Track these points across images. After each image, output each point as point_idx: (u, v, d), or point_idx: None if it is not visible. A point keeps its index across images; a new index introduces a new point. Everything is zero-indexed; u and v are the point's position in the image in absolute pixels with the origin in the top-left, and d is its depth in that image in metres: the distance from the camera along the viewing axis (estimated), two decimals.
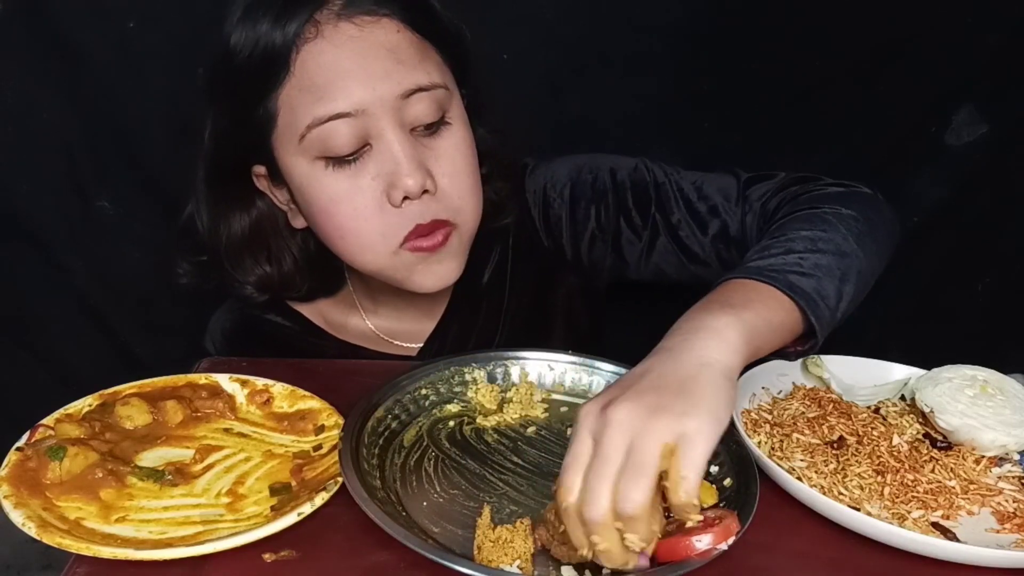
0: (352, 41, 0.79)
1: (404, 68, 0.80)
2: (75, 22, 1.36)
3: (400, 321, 1.03)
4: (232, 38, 0.81)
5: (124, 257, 1.53)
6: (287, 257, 0.96)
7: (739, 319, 0.65)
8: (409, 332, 1.03)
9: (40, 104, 1.40)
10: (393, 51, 0.80)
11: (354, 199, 0.81)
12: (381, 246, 0.83)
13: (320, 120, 0.78)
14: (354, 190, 0.81)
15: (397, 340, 1.03)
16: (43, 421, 0.74)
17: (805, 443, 0.76)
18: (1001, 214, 1.69)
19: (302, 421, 0.80)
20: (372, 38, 0.80)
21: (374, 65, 0.79)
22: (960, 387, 0.80)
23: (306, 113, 0.79)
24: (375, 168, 0.81)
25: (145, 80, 1.40)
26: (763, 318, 0.67)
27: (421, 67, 0.81)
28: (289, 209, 0.92)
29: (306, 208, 0.86)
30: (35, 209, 1.47)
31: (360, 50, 0.79)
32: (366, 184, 0.81)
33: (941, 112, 1.62)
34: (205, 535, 0.64)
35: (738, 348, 0.63)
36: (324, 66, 0.78)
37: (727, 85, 1.55)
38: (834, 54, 1.53)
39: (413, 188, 0.79)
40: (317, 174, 0.82)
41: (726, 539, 0.62)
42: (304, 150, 0.81)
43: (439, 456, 0.76)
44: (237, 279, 0.96)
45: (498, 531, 0.63)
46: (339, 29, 0.79)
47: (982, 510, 0.72)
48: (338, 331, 1.03)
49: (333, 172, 0.81)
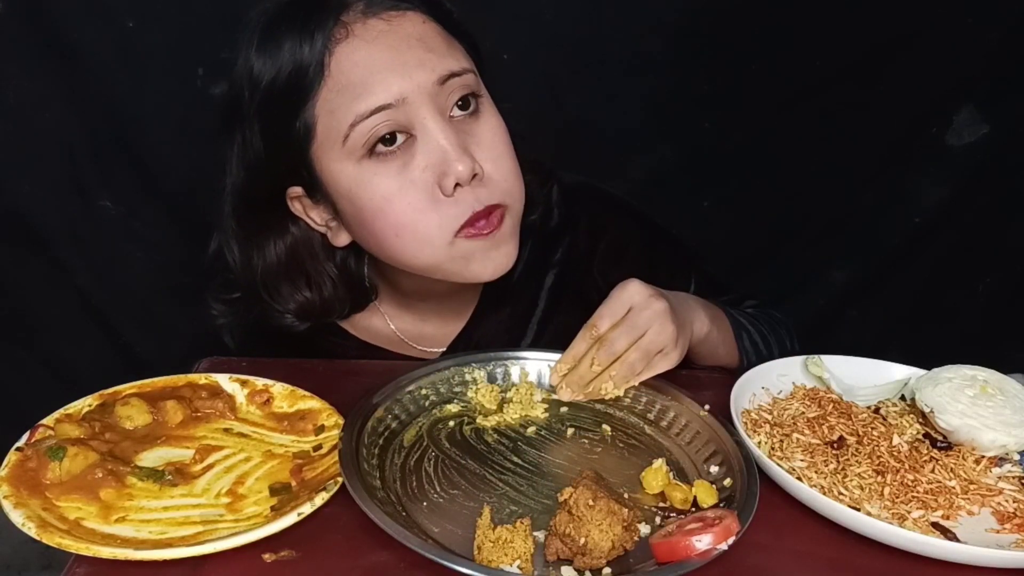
0: (383, 35, 0.80)
1: (435, 56, 0.81)
2: (75, 22, 1.36)
3: (424, 326, 1.02)
4: (255, 67, 0.81)
5: (125, 257, 1.53)
6: (327, 281, 0.94)
7: (709, 331, 0.91)
8: (433, 336, 1.02)
9: (40, 104, 1.40)
10: (423, 40, 0.81)
11: (408, 193, 0.81)
12: (438, 238, 0.82)
13: (362, 116, 0.79)
14: (406, 185, 0.81)
15: (420, 344, 1.02)
16: (43, 421, 0.74)
17: (805, 443, 0.76)
18: (1001, 214, 1.69)
19: (302, 421, 0.80)
20: (401, 30, 0.81)
21: (407, 55, 0.80)
22: (960, 387, 0.80)
23: (347, 112, 0.79)
24: (423, 160, 0.81)
25: (145, 80, 1.40)
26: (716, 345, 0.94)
27: (451, 54, 0.82)
28: (328, 228, 0.90)
29: (356, 214, 0.84)
30: (36, 209, 1.47)
31: (392, 43, 0.80)
32: (417, 177, 0.81)
33: (941, 112, 1.62)
34: (205, 535, 0.64)
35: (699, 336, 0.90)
36: (359, 63, 0.79)
37: (727, 85, 1.55)
38: (834, 54, 1.53)
39: (464, 173, 0.79)
40: (366, 175, 0.81)
41: (726, 539, 0.62)
42: (349, 152, 0.80)
43: (439, 456, 0.76)
44: (277, 309, 0.94)
45: (498, 531, 0.63)
46: (368, 26, 0.80)
47: (982, 510, 0.72)
48: (361, 332, 1.02)
49: (383, 170, 0.81)
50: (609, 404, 0.85)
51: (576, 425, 0.82)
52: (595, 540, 0.62)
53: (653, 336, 0.81)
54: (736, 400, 0.79)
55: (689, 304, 0.90)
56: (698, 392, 0.83)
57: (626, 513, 0.64)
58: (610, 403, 0.85)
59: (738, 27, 1.50)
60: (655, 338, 0.82)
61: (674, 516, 0.69)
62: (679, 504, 0.70)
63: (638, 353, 0.82)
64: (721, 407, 0.79)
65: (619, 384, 0.83)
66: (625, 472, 0.75)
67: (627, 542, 0.63)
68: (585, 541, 0.62)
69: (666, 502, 0.71)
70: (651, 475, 0.72)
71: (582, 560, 0.62)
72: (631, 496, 0.71)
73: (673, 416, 0.82)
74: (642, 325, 0.81)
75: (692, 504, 0.70)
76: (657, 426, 0.82)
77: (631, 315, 0.81)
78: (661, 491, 0.72)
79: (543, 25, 1.47)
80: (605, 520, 0.62)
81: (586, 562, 0.62)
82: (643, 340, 0.81)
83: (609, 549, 0.62)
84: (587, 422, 0.83)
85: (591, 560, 0.62)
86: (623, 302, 0.82)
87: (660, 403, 0.83)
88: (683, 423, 0.81)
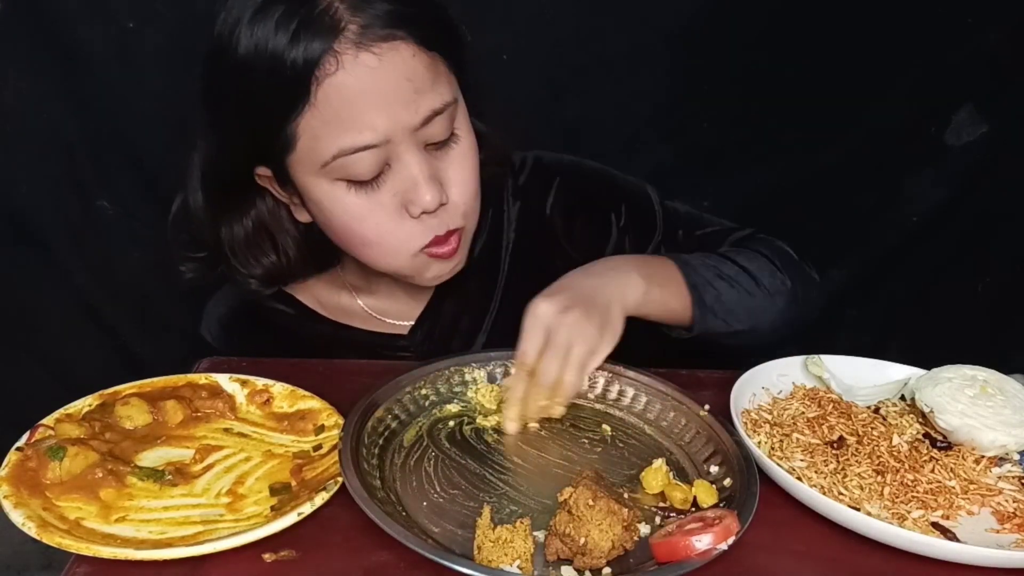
0: (372, 72, 0.79)
1: (420, 96, 0.82)
2: (75, 22, 1.36)
3: (392, 299, 1.05)
4: (241, 45, 0.79)
5: (124, 256, 1.53)
6: (291, 247, 0.97)
7: (648, 288, 0.87)
8: (401, 310, 1.05)
9: (40, 104, 1.40)
10: (411, 79, 0.81)
11: (376, 215, 0.85)
12: (402, 253, 0.87)
13: (347, 151, 0.81)
14: (375, 207, 0.84)
15: (389, 318, 1.05)
16: (43, 421, 0.74)
17: (805, 443, 0.76)
18: (1001, 214, 1.69)
19: (302, 421, 0.80)
20: (391, 67, 0.80)
21: (394, 96, 0.80)
22: (960, 387, 0.80)
23: (331, 144, 0.80)
24: (393, 186, 0.84)
25: (145, 80, 1.40)
26: (664, 299, 0.89)
27: (434, 90, 0.83)
28: (292, 204, 0.92)
29: (325, 222, 0.88)
30: (35, 209, 1.47)
31: (380, 80, 0.80)
32: (386, 200, 0.84)
33: (941, 112, 1.62)
34: (205, 535, 0.64)
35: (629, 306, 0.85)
36: (348, 100, 0.79)
37: (727, 85, 1.55)
38: (834, 54, 1.53)
39: (431, 204, 0.83)
40: (338, 194, 0.84)
41: (726, 539, 0.62)
42: (326, 174, 0.83)
43: (439, 456, 0.76)
44: (242, 272, 0.96)
45: (498, 531, 0.63)
46: (359, 60, 0.79)
47: (982, 510, 0.72)
48: (331, 312, 1.05)
49: (354, 193, 0.84)
50: (609, 404, 0.85)
51: (576, 425, 0.82)
52: (595, 540, 0.62)
53: (579, 349, 0.78)
54: (736, 400, 0.79)
55: (617, 274, 0.87)
56: (698, 392, 0.83)
57: (626, 513, 0.64)
58: (610, 403, 0.85)
59: (738, 27, 1.50)
60: (581, 349, 0.78)
61: (674, 516, 0.69)
62: (679, 504, 0.70)
63: (573, 371, 0.78)
64: (721, 407, 0.79)
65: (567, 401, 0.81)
66: (625, 472, 0.75)
67: (627, 542, 0.64)
68: (585, 541, 0.62)
69: (666, 502, 0.71)
70: (651, 475, 0.72)
71: (582, 560, 0.62)
72: (631, 496, 0.71)
73: (673, 416, 0.82)
74: (563, 343, 0.78)
75: (692, 504, 0.70)
76: (657, 426, 0.82)
77: (551, 339, 0.78)
78: (661, 491, 0.72)
79: (543, 25, 1.47)
80: (605, 520, 0.62)
81: (586, 562, 0.62)
82: (571, 357, 0.78)
83: (609, 549, 0.62)
84: (587, 422, 0.83)
85: (591, 560, 0.62)
86: (539, 328, 0.79)
87: (660, 403, 0.83)
88: (683, 423, 0.81)
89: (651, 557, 0.63)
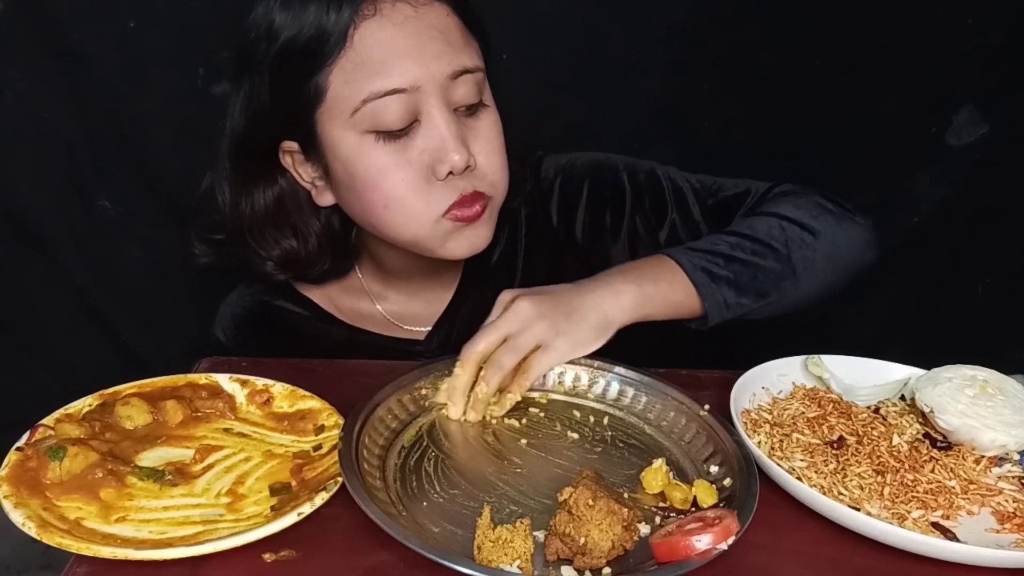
0: (409, 21, 0.83)
1: (453, 50, 0.84)
2: (75, 21, 1.36)
3: (409, 305, 1.04)
4: (277, 20, 0.83)
5: (124, 256, 1.53)
6: (312, 234, 0.97)
7: (640, 289, 0.84)
8: (418, 316, 1.04)
9: (40, 104, 1.40)
10: (444, 33, 0.84)
11: (402, 171, 0.85)
12: (424, 216, 0.86)
13: (376, 95, 0.82)
14: (402, 162, 0.84)
15: (406, 324, 1.04)
16: (43, 421, 0.74)
17: (805, 443, 0.76)
18: (1001, 214, 1.69)
19: (302, 421, 0.80)
20: (426, 19, 0.83)
21: (428, 45, 0.83)
22: (960, 387, 0.80)
23: (361, 88, 0.82)
24: (423, 143, 0.84)
25: (145, 80, 1.40)
26: (663, 294, 0.85)
27: (466, 51, 0.85)
28: (314, 187, 0.93)
29: (349, 181, 0.87)
30: (35, 209, 1.47)
31: (416, 30, 0.83)
32: (414, 157, 0.84)
33: (941, 112, 1.62)
34: (205, 535, 0.64)
35: (627, 310, 0.83)
36: (382, 43, 0.82)
37: (727, 85, 1.55)
38: (834, 54, 1.53)
39: (459, 164, 0.83)
40: (366, 147, 0.84)
41: (726, 539, 0.62)
42: (355, 124, 0.84)
43: (439, 456, 0.76)
44: (260, 254, 0.96)
45: (498, 531, 0.63)
46: (396, 8, 0.83)
47: (982, 510, 0.72)
48: (348, 316, 1.04)
49: (383, 145, 0.84)
50: (609, 404, 0.85)
51: (576, 425, 0.82)
52: (595, 540, 0.62)
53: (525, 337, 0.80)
54: (736, 400, 0.79)
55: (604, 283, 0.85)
56: (698, 392, 0.83)
57: (626, 513, 0.64)
58: (610, 403, 0.85)
59: (738, 27, 1.50)
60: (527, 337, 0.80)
61: (674, 516, 0.69)
62: (679, 504, 0.70)
63: (508, 352, 0.80)
64: (721, 407, 0.79)
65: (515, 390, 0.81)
66: (625, 472, 0.75)
67: (627, 542, 0.63)
68: (585, 541, 0.62)
69: (666, 502, 0.71)
70: (651, 475, 0.72)
71: (582, 560, 0.62)
72: (631, 496, 0.71)
73: (673, 416, 0.82)
74: (504, 328, 0.80)
75: (692, 504, 0.70)
76: (657, 426, 0.82)
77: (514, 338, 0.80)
78: (661, 491, 0.72)
79: (543, 25, 1.47)
80: (605, 520, 0.62)
81: (586, 562, 0.62)
82: (512, 341, 0.80)
83: (609, 549, 0.62)
84: (587, 422, 0.83)
85: (591, 560, 0.62)
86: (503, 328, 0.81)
87: (660, 403, 0.83)
88: (683, 423, 0.81)
89: (651, 557, 0.63)
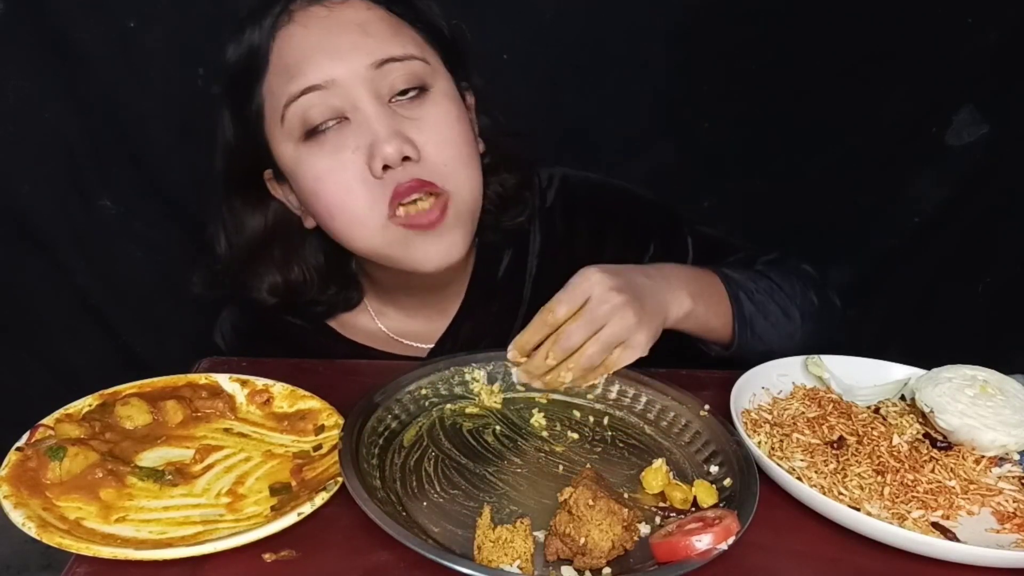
0: (321, 20, 0.83)
1: (374, 41, 0.83)
2: (75, 22, 1.36)
3: (411, 322, 1.03)
4: (227, 52, 0.87)
5: (125, 256, 1.53)
6: (296, 265, 0.97)
7: (694, 307, 0.86)
8: (420, 332, 1.03)
9: (40, 104, 1.40)
10: (363, 26, 0.83)
11: (337, 174, 0.83)
12: (369, 219, 0.84)
13: (293, 96, 0.82)
14: (336, 165, 0.83)
15: (408, 340, 1.03)
16: (43, 421, 0.74)
17: (805, 443, 0.76)
18: (1001, 214, 1.69)
19: (302, 421, 0.80)
20: (341, 17, 0.84)
21: (341, 39, 0.82)
22: (960, 387, 0.80)
23: (282, 93, 0.83)
24: (354, 141, 0.82)
25: (145, 80, 1.40)
26: (706, 319, 0.89)
27: (394, 40, 0.84)
28: (300, 211, 0.93)
29: (300, 195, 0.88)
30: (36, 209, 1.47)
31: (328, 27, 0.83)
32: (347, 158, 0.83)
33: (941, 112, 1.62)
34: (205, 535, 0.64)
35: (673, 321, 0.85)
36: (295, 47, 0.83)
37: (727, 85, 1.55)
38: (834, 54, 1.53)
39: (392, 155, 0.80)
40: (302, 156, 0.84)
41: (726, 539, 0.62)
42: (288, 133, 0.84)
43: (439, 456, 0.76)
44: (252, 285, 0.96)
45: (498, 531, 0.63)
46: (309, 12, 0.84)
47: (982, 510, 0.72)
48: (349, 332, 1.03)
49: (318, 150, 0.83)
50: (609, 404, 0.85)
51: (576, 425, 0.82)
52: (595, 540, 0.62)
53: (612, 329, 0.77)
54: (736, 400, 0.79)
55: (667, 284, 0.85)
56: (698, 392, 0.83)
57: (626, 513, 0.64)
58: (610, 403, 0.85)
59: (738, 27, 1.50)
60: (614, 330, 0.77)
61: (674, 516, 0.69)
62: (679, 504, 0.70)
63: (596, 346, 0.77)
64: (721, 407, 0.79)
65: (578, 376, 0.80)
66: (625, 472, 0.75)
67: (627, 542, 0.64)
68: (585, 541, 0.62)
69: (666, 502, 0.71)
70: (651, 475, 0.72)
71: (582, 560, 0.62)
72: (631, 496, 0.71)
73: (673, 416, 0.82)
74: (600, 319, 0.77)
75: (692, 504, 0.70)
76: (657, 426, 0.82)
77: (589, 307, 0.77)
78: (661, 491, 0.72)
79: (543, 25, 1.47)
80: (605, 520, 0.62)
81: (586, 562, 0.62)
82: (601, 333, 0.77)
83: (609, 549, 0.62)
84: (587, 422, 0.83)
85: (591, 560, 0.62)
86: (582, 291, 0.78)
87: (660, 403, 0.83)
88: (683, 423, 0.81)
89: (651, 557, 0.63)
